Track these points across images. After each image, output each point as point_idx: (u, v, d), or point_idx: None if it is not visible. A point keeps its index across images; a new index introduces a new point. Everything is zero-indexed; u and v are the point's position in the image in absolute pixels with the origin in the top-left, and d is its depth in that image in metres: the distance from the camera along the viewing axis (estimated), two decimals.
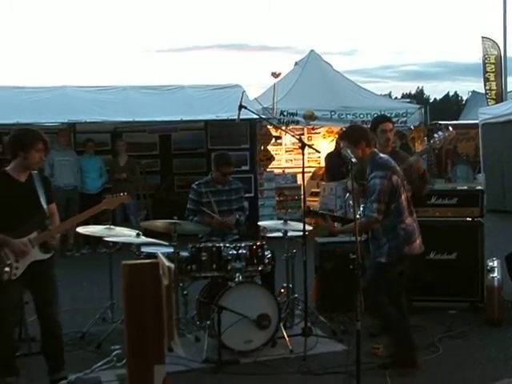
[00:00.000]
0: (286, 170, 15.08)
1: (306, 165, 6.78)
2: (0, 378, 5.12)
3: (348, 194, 6.93)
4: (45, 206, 5.25)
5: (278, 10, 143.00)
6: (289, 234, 6.87)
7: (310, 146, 7.04)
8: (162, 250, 6.41)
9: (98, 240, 7.29)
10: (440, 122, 21.17)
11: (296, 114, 13.65)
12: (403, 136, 13.59)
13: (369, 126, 7.62)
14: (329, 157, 13.99)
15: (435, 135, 6.66)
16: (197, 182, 7.32)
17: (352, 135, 5.82)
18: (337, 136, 14.95)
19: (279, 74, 13.83)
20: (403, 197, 5.67)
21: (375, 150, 5.86)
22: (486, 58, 21.72)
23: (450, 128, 6.70)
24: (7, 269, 5.03)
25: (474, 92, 29.89)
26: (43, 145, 5.24)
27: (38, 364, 5.61)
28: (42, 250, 5.21)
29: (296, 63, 15.98)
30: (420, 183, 6.61)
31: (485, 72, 21.67)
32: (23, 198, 5.18)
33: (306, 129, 15.76)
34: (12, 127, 13.15)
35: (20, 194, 5.19)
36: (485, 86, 21.75)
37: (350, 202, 6.23)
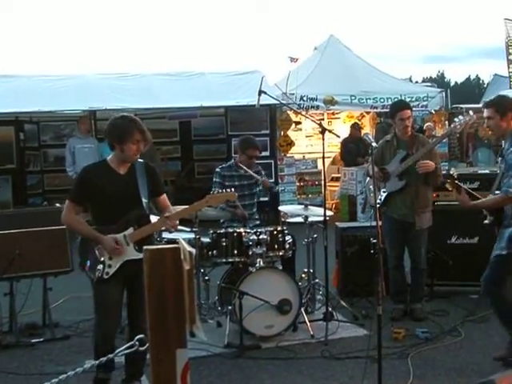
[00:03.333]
0: (307, 156, 15.04)
1: (326, 150, 6.77)
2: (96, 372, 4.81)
3: (368, 179, 6.93)
4: (145, 201, 4.78)
5: None
6: (309, 219, 6.88)
7: (330, 131, 7.01)
8: (183, 236, 6.45)
9: None
10: (461, 106, 20.99)
11: (316, 99, 13.61)
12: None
13: (388, 110, 7.61)
14: (343, 142, 14.07)
15: (456, 119, 6.62)
16: (220, 166, 7.38)
17: (502, 105, 5.43)
18: (356, 121, 14.97)
19: (297, 59, 13.77)
20: None
21: None
22: (509, 40, 21.37)
23: (471, 112, 6.64)
24: (100, 266, 4.68)
25: (496, 75, 29.49)
26: (140, 135, 4.73)
27: (62, 349, 5.68)
28: (137, 249, 4.70)
29: (315, 48, 15.89)
30: (432, 175, 6.58)
31: (508, 54, 21.33)
32: (121, 191, 4.74)
33: (326, 114, 15.68)
34: (33, 115, 13.39)
35: (118, 187, 4.75)
36: (508, 68, 21.45)
37: (371, 186, 6.21)
